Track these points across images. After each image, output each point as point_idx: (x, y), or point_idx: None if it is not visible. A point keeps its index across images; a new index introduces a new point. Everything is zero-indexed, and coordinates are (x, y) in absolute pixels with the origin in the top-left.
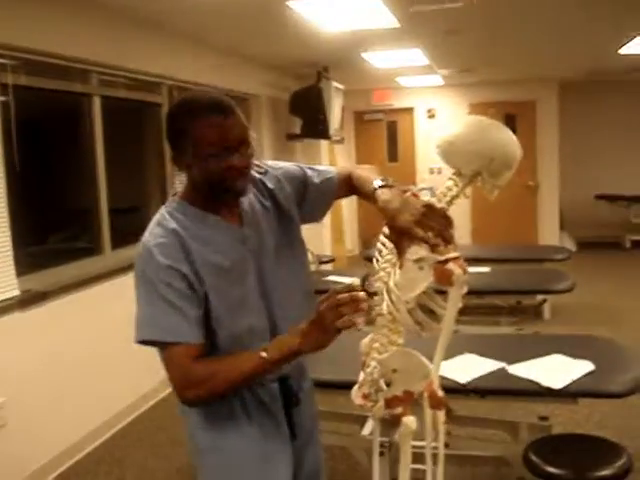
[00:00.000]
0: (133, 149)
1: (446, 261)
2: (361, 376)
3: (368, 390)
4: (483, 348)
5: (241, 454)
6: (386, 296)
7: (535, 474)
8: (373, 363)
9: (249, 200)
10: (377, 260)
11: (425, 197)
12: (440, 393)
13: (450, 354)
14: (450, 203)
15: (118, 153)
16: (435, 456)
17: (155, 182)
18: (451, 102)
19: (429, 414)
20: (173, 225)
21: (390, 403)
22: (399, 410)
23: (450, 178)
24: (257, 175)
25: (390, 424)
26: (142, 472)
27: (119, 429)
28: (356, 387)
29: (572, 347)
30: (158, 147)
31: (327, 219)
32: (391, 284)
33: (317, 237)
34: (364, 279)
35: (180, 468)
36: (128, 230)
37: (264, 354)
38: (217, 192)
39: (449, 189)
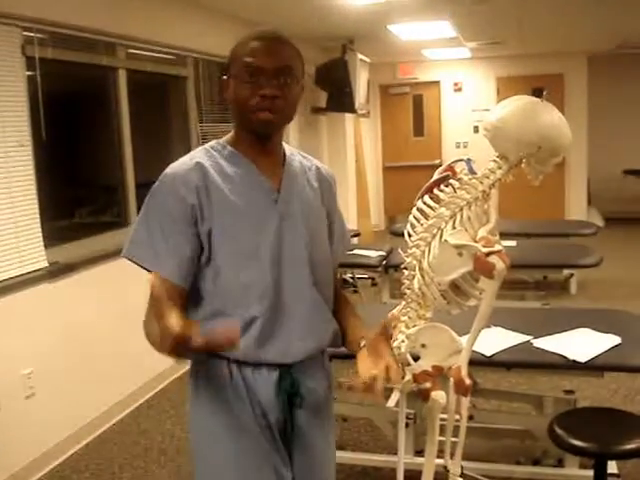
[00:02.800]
0: (159, 123)
1: (489, 253)
2: None
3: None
4: (509, 322)
5: (232, 450)
6: (419, 275)
7: (560, 447)
8: (401, 337)
9: (296, 169)
10: (409, 235)
11: (463, 170)
12: (468, 381)
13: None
14: (492, 186)
15: (144, 127)
16: (456, 430)
17: (181, 157)
18: (478, 75)
19: (453, 397)
20: (202, 157)
21: (418, 377)
22: (427, 385)
23: (494, 160)
24: (315, 162)
25: (415, 396)
26: (168, 442)
27: (146, 399)
28: None
29: (599, 321)
30: (184, 121)
31: (353, 193)
32: (425, 264)
33: (343, 211)
34: (389, 253)
35: None
36: None
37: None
38: (246, 127)
39: (492, 171)
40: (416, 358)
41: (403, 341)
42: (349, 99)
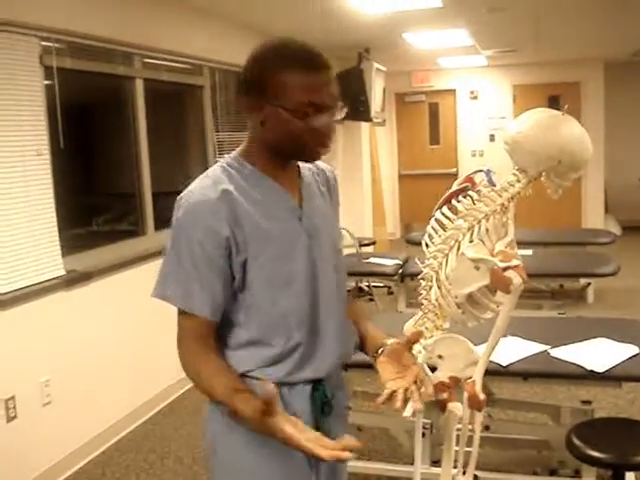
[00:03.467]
0: (175, 132)
1: (506, 268)
2: None
3: None
4: (526, 331)
5: (264, 460)
6: (435, 286)
7: (578, 458)
8: (417, 347)
9: (309, 179)
10: (427, 245)
11: (482, 181)
12: (482, 396)
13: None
14: (511, 200)
15: (161, 136)
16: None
17: (197, 166)
18: (494, 83)
19: (467, 411)
20: (225, 181)
21: (435, 388)
22: (444, 395)
23: (513, 173)
24: (317, 163)
25: (432, 406)
26: (184, 451)
27: (162, 407)
28: None
29: (616, 331)
30: (200, 130)
31: (368, 202)
32: (442, 276)
33: (358, 219)
34: (405, 262)
35: None
36: (171, 214)
37: (241, 406)
38: (289, 155)
39: (511, 185)
40: (433, 369)
41: (420, 352)
42: (365, 108)
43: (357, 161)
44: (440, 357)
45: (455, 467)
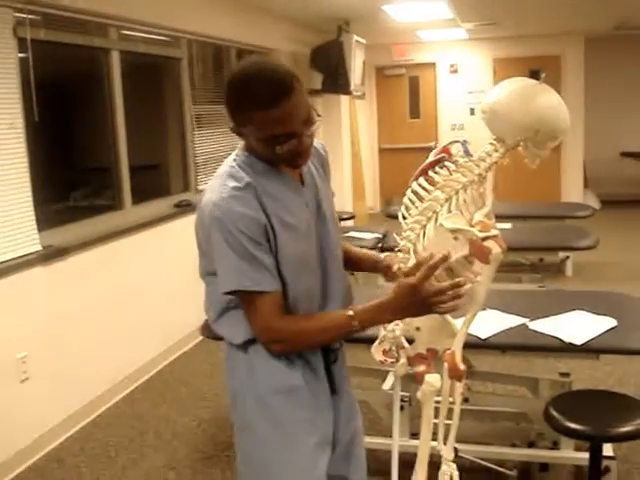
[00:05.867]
0: (153, 105)
1: (486, 238)
2: (381, 333)
3: (389, 347)
4: (505, 304)
5: (290, 411)
6: (413, 258)
7: (556, 430)
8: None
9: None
10: (404, 217)
11: (459, 152)
12: (462, 367)
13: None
14: (489, 169)
15: (138, 110)
16: (449, 414)
17: (175, 139)
18: (474, 57)
19: (447, 382)
20: (247, 178)
21: (413, 361)
22: (422, 368)
23: (491, 143)
24: None
25: (411, 379)
26: (163, 426)
27: (141, 383)
28: (376, 343)
29: (595, 304)
30: (178, 103)
31: (348, 176)
32: (419, 248)
33: (338, 193)
34: (384, 235)
35: (202, 422)
36: (148, 187)
37: (355, 323)
38: (276, 163)
39: (489, 154)
40: (411, 341)
41: (397, 324)
42: (344, 81)
43: (337, 135)
44: (417, 329)
45: (435, 439)
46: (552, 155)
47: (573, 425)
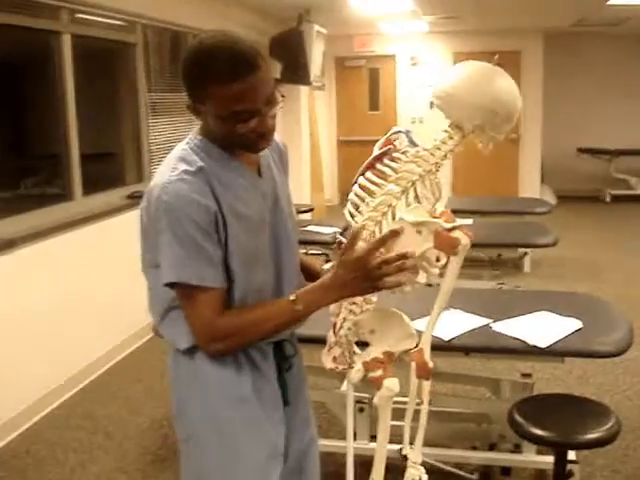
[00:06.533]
0: (106, 92)
1: (453, 228)
2: (331, 338)
3: (339, 353)
4: (467, 304)
5: (239, 423)
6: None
7: (521, 436)
8: (347, 324)
9: (266, 153)
10: (352, 215)
11: (403, 142)
12: (430, 364)
13: (429, 309)
14: (445, 158)
15: (90, 96)
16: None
17: (129, 127)
18: (435, 50)
19: (414, 383)
20: (200, 162)
21: (369, 366)
22: (379, 372)
23: (445, 130)
24: None
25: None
26: (114, 427)
27: (90, 381)
28: (325, 350)
29: (559, 304)
30: (132, 90)
31: (306, 168)
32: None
33: (296, 185)
34: (344, 229)
35: (154, 422)
36: (101, 176)
37: (299, 307)
38: (236, 146)
39: (443, 142)
40: (366, 345)
41: (350, 329)
42: (304, 71)
43: (295, 126)
44: (372, 332)
45: (398, 443)
46: (510, 150)
47: (538, 432)
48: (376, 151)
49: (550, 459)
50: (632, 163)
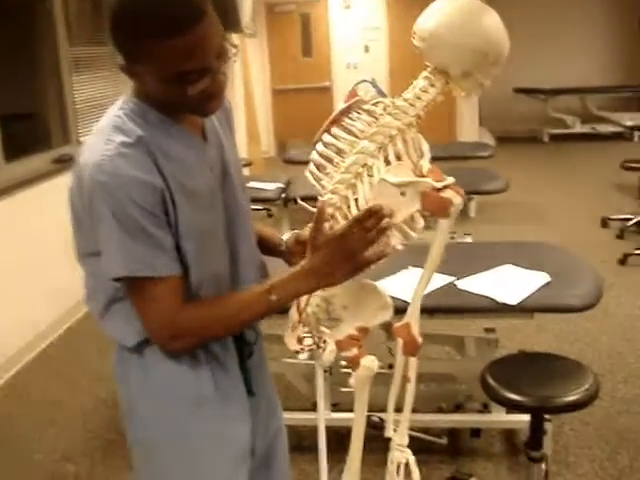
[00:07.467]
0: (22, 47)
1: (444, 187)
2: (294, 316)
3: (306, 333)
4: (425, 260)
5: (197, 424)
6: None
7: (494, 400)
8: (315, 301)
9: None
10: (317, 178)
11: (369, 93)
12: (419, 339)
13: (392, 269)
14: (425, 108)
15: (5, 51)
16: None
17: (50, 84)
18: None
19: (401, 361)
20: (138, 131)
21: (343, 344)
22: (354, 351)
23: (425, 77)
24: None
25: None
26: (56, 410)
27: (27, 362)
28: (288, 330)
29: (522, 256)
30: (52, 44)
31: (241, 120)
32: (354, 211)
33: None
34: (287, 185)
35: (98, 404)
36: (25, 139)
37: (273, 297)
38: (184, 110)
39: (424, 91)
40: (336, 322)
41: (318, 305)
42: (235, 18)
43: (228, 75)
44: (344, 308)
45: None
46: (446, 92)
47: (513, 396)
48: (341, 104)
49: (522, 417)
50: (568, 102)
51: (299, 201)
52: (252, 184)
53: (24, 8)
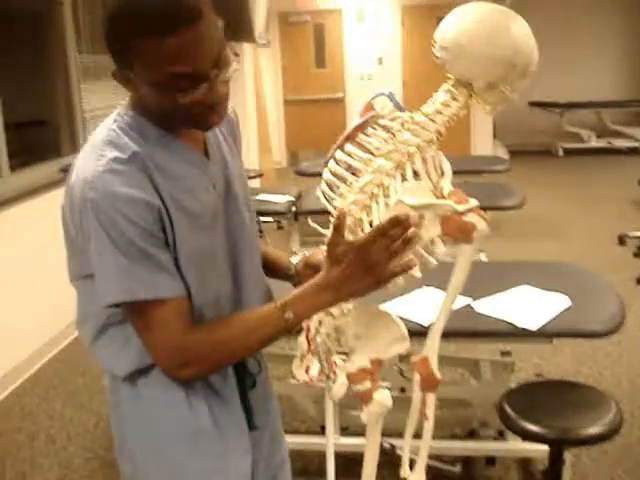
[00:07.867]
0: (32, 55)
1: (467, 210)
2: (303, 345)
3: (314, 364)
4: (442, 279)
5: (194, 460)
6: None
7: (513, 431)
8: (325, 330)
9: (214, 130)
10: (329, 199)
11: (386, 107)
12: (438, 375)
13: (405, 288)
14: (447, 124)
15: (15, 59)
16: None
17: (59, 92)
18: (382, 4)
19: (418, 397)
20: (134, 147)
21: (355, 377)
22: (367, 385)
23: (447, 90)
24: None
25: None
26: (57, 427)
27: (29, 376)
28: (297, 360)
29: (541, 276)
30: (61, 52)
31: (253, 130)
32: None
33: (243, 150)
34: (298, 198)
35: (100, 420)
36: (33, 147)
37: (289, 315)
38: (176, 125)
39: (446, 105)
40: (349, 353)
41: (329, 334)
42: (248, 27)
43: (240, 86)
44: (357, 337)
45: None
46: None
47: (532, 427)
48: (356, 119)
49: (540, 447)
50: (583, 116)
51: (311, 222)
52: (262, 196)
53: (34, 16)
